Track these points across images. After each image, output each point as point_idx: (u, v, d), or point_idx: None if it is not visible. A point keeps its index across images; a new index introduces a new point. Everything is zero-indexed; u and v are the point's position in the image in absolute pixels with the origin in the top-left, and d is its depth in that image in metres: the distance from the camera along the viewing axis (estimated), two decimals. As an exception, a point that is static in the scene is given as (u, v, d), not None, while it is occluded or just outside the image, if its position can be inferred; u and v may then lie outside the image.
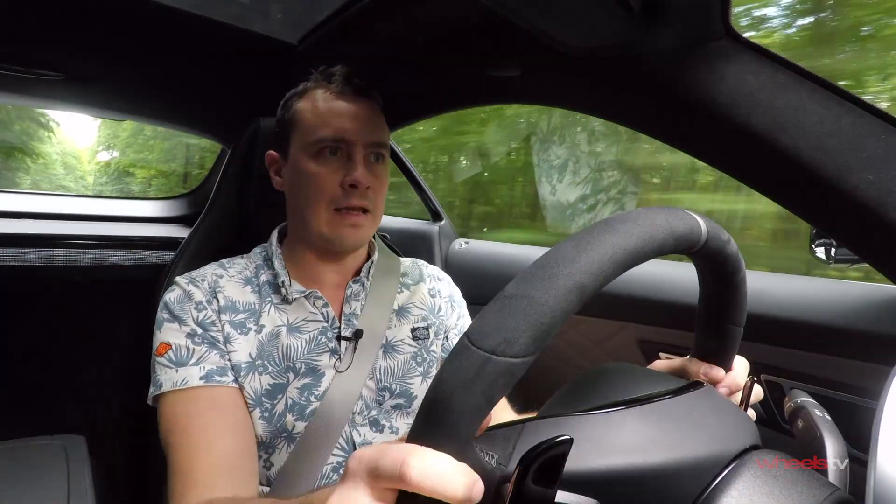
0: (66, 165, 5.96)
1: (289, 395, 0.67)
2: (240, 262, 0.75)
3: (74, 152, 6.17)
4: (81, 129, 6.25)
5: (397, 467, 0.25)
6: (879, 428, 0.31)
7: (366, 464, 0.26)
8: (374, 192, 0.71)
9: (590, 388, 0.40)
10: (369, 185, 0.69)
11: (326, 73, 0.74)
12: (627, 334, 1.05)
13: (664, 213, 0.33)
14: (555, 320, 0.27)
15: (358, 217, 0.69)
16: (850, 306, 0.76)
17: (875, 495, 0.29)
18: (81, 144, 6.27)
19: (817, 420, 0.41)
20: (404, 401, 0.74)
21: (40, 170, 5.12)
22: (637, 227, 0.31)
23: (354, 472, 0.27)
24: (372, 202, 0.71)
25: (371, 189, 0.70)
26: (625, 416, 0.33)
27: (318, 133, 0.69)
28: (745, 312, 0.43)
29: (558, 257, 0.29)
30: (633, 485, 0.30)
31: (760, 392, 0.48)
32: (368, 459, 0.26)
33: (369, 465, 0.26)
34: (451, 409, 0.25)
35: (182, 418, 0.61)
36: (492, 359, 0.26)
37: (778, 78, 0.56)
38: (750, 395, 0.46)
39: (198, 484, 0.57)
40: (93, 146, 6.27)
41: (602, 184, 2.21)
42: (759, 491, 0.31)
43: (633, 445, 0.31)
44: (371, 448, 0.27)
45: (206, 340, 0.65)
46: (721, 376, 0.45)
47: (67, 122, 5.99)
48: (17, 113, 4.51)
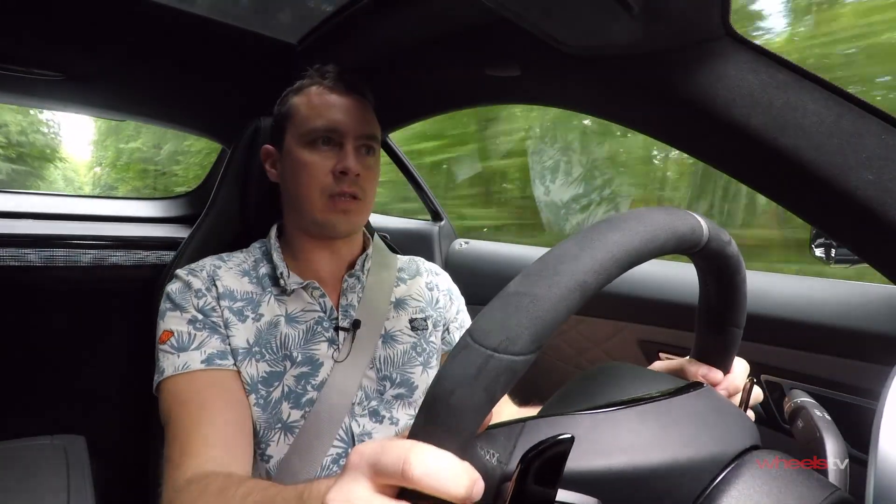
0: (66, 178, 6.63)
1: (285, 384, 0.68)
2: (238, 256, 0.77)
3: (74, 167, 6.94)
4: (79, 148, 7.19)
5: (399, 464, 0.25)
6: (879, 428, 0.31)
7: (367, 459, 0.27)
8: (364, 181, 0.73)
9: (590, 387, 0.40)
10: (359, 172, 0.71)
11: (321, 71, 0.77)
12: (627, 334, 1.05)
13: (666, 212, 0.33)
14: (557, 318, 0.27)
15: (349, 203, 0.72)
16: (850, 306, 0.76)
17: (875, 495, 0.29)
18: (79, 159, 7.11)
19: (817, 420, 0.41)
20: (405, 390, 0.75)
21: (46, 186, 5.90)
22: (640, 226, 0.31)
23: (355, 466, 0.27)
24: (362, 190, 0.73)
25: (361, 177, 0.72)
26: (626, 416, 0.33)
27: (312, 124, 0.72)
28: (744, 314, 0.43)
29: (561, 255, 0.29)
30: (634, 484, 0.30)
31: (760, 394, 0.48)
32: (370, 454, 0.27)
33: (371, 460, 0.26)
34: (452, 406, 0.25)
35: (182, 395, 0.63)
36: (494, 356, 0.26)
37: (778, 78, 0.56)
38: (749, 397, 0.46)
39: (193, 454, 0.58)
40: (90, 161, 7.13)
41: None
42: (759, 491, 0.31)
43: (633, 445, 0.31)
44: (373, 443, 0.27)
45: (208, 326, 0.67)
46: (720, 378, 0.45)
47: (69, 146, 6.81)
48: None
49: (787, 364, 0.81)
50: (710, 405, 0.37)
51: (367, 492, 0.26)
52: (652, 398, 0.35)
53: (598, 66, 0.69)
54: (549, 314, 0.26)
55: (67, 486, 0.95)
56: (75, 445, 1.09)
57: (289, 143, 0.75)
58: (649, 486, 0.30)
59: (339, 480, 0.27)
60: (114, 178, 6.44)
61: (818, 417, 0.42)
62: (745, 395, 0.46)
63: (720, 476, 0.32)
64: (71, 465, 1.01)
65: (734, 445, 0.34)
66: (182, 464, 0.57)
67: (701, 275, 0.42)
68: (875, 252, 0.56)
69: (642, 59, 0.62)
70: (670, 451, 0.31)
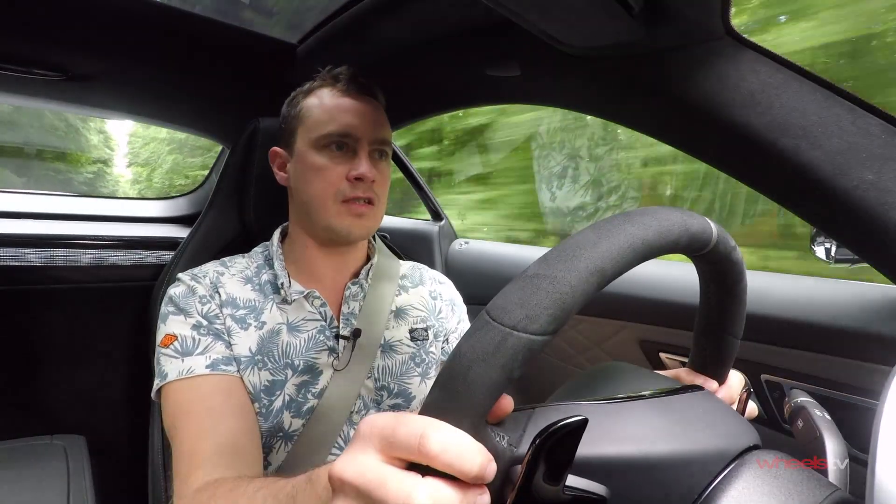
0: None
1: (286, 392, 0.67)
2: (241, 261, 0.75)
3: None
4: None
5: (416, 439, 0.25)
6: (879, 428, 0.31)
7: (379, 430, 0.26)
8: (378, 186, 0.72)
9: (592, 385, 0.40)
10: (374, 178, 0.70)
11: (332, 73, 0.75)
12: (628, 334, 1.04)
13: (679, 212, 0.34)
14: (575, 301, 0.27)
15: (363, 207, 0.71)
16: (850, 306, 0.76)
17: (875, 495, 0.29)
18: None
19: (817, 420, 0.41)
20: (402, 400, 0.75)
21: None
22: (655, 220, 0.31)
23: (366, 437, 0.27)
24: (376, 195, 0.72)
25: (375, 183, 0.71)
26: (633, 407, 0.33)
27: (326, 128, 0.70)
28: (743, 324, 0.43)
29: (580, 242, 0.29)
30: (642, 473, 0.30)
31: (754, 410, 0.48)
32: (383, 426, 0.26)
33: (384, 432, 0.26)
34: (469, 382, 0.25)
35: (186, 403, 0.61)
36: (513, 334, 0.26)
37: (778, 78, 0.56)
38: (745, 409, 0.46)
39: (202, 465, 0.57)
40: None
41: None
42: (759, 491, 0.31)
43: (641, 434, 0.31)
44: (386, 415, 0.27)
45: (212, 332, 0.66)
46: (714, 389, 0.45)
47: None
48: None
49: (787, 364, 0.81)
50: (711, 406, 0.37)
51: (377, 461, 0.26)
52: (655, 395, 0.35)
53: (598, 66, 0.69)
54: (567, 296, 0.27)
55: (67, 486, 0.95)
56: (75, 445, 1.09)
57: (300, 146, 0.73)
58: (656, 476, 0.31)
59: (349, 451, 0.27)
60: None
61: (818, 417, 0.42)
62: (741, 407, 0.46)
63: (720, 476, 0.32)
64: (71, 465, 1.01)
65: (734, 445, 0.34)
66: (190, 475, 0.57)
67: (703, 280, 0.42)
68: (875, 252, 0.56)
69: (642, 59, 0.62)
70: (676, 442, 0.32)
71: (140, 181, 5.83)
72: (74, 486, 0.96)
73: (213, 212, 0.93)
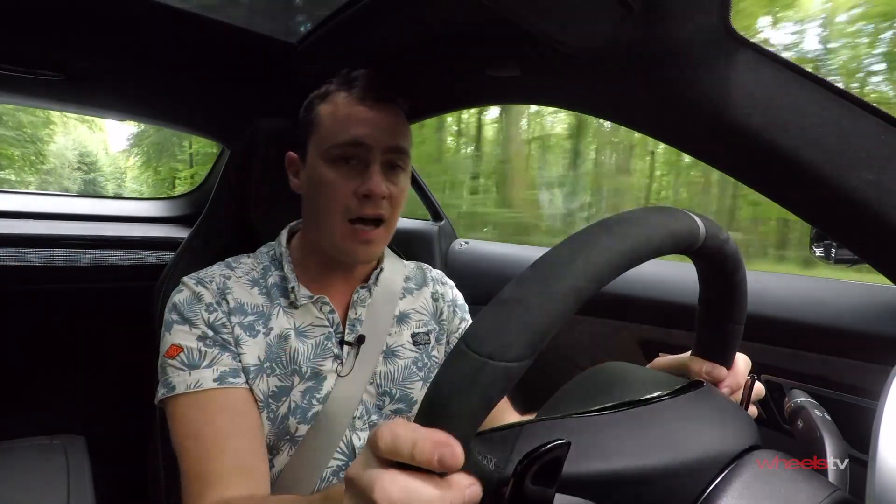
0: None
1: (292, 398, 0.67)
2: (246, 263, 0.74)
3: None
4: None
5: (368, 491, 0.26)
6: (879, 428, 0.31)
7: (348, 477, 0.29)
8: (390, 203, 0.69)
9: (590, 388, 0.40)
10: (384, 194, 0.67)
11: (348, 78, 0.71)
12: (628, 334, 1.04)
13: (661, 213, 0.33)
14: (551, 324, 0.27)
15: (370, 233, 0.68)
16: (850, 306, 0.76)
17: (875, 495, 0.29)
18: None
19: (817, 420, 0.41)
20: (405, 405, 0.74)
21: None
22: (634, 228, 0.30)
23: (350, 483, 0.29)
24: (387, 211, 0.69)
25: (387, 199, 0.68)
26: (624, 418, 0.33)
27: (335, 139, 0.67)
28: (745, 311, 0.43)
29: (555, 261, 0.28)
30: (633, 487, 0.30)
31: (762, 390, 0.48)
32: (351, 474, 0.29)
33: (348, 477, 0.29)
34: (449, 413, 0.26)
35: (194, 423, 0.61)
36: (488, 363, 0.26)
37: (778, 78, 0.56)
38: (751, 393, 0.45)
39: (213, 485, 0.57)
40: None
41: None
42: (759, 491, 0.31)
43: (632, 447, 0.31)
44: (357, 460, 0.29)
45: (218, 343, 0.64)
46: (723, 375, 0.45)
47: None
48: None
49: (787, 364, 0.81)
50: (711, 405, 0.37)
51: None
52: (650, 400, 0.35)
53: (598, 66, 0.69)
54: (542, 320, 0.26)
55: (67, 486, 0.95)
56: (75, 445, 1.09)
57: (311, 155, 0.70)
58: (648, 489, 0.30)
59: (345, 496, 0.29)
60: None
61: (818, 417, 0.42)
62: (746, 392, 0.46)
63: (720, 476, 0.32)
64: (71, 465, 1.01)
65: (734, 446, 0.34)
66: (201, 496, 0.57)
67: (700, 274, 0.42)
68: (875, 252, 0.56)
69: (642, 58, 0.62)
70: (669, 453, 0.31)
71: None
72: (74, 486, 0.96)
73: (214, 212, 0.93)
